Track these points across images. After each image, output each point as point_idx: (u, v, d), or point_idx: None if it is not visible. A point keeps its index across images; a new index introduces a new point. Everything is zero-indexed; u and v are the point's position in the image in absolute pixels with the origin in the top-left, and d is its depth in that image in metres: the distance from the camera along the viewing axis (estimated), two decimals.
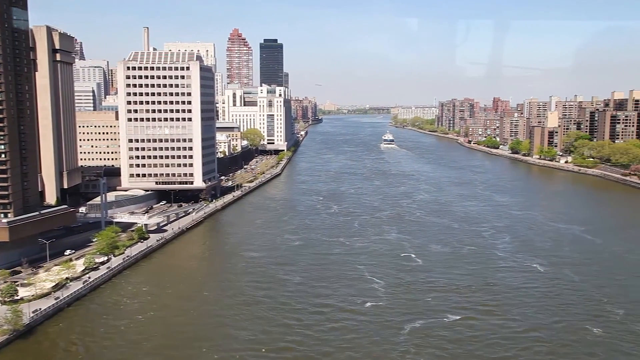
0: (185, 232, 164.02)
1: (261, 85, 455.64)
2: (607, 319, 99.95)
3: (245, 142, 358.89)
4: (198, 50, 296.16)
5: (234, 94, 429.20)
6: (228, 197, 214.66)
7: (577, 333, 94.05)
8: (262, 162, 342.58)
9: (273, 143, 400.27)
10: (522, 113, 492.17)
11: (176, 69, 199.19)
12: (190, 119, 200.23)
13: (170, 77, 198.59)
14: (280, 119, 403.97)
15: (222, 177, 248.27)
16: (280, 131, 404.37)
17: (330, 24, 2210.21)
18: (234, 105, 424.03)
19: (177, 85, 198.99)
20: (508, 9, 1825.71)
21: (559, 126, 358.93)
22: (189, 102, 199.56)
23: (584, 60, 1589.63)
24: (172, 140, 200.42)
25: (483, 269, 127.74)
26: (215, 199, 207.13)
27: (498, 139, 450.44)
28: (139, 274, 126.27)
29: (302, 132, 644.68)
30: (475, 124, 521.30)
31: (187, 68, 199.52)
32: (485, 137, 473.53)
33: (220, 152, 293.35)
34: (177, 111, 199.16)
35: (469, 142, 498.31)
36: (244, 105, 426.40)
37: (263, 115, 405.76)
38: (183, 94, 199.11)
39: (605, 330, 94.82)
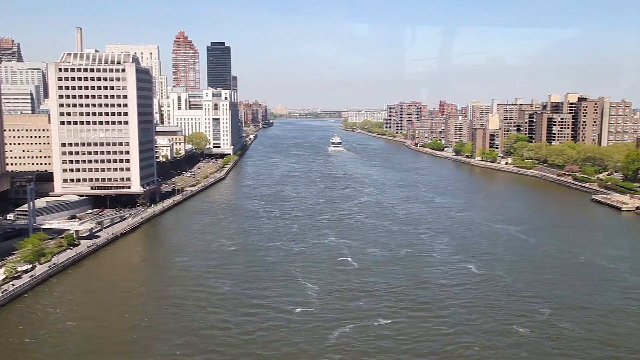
0: (120, 238, 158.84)
1: (208, 89, 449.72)
2: (534, 318, 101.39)
3: (189, 146, 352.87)
4: (135, 53, 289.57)
5: (179, 97, 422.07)
6: (168, 202, 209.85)
7: (503, 333, 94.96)
8: (207, 166, 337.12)
9: (219, 147, 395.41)
10: (466, 116, 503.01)
11: (111, 71, 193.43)
12: (126, 122, 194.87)
13: (105, 79, 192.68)
14: (226, 123, 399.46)
15: (164, 182, 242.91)
16: (227, 135, 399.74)
17: (282, 28, 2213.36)
18: (179, 108, 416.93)
19: (112, 88, 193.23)
20: (455, 15, 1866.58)
21: (500, 128, 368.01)
22: (125, 105, 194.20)
23: (527, 63, 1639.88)
24: (108, 144, 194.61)
25: (418, 272, 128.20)
26: (154, 204, 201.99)
27: (443, 142, 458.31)
28: (65, 282, 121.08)
29: (251, 136, 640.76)
30: (422, 126, 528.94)
31: (123, 70, 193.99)
32: (431, 139, 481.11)
33: (162, 156, 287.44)
34: (113, 114, 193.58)
35: (416, 144, 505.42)
36: (190, 108, 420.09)
37: (209, 118, 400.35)
38: (119, 96, 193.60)
39: (531, 330, 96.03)
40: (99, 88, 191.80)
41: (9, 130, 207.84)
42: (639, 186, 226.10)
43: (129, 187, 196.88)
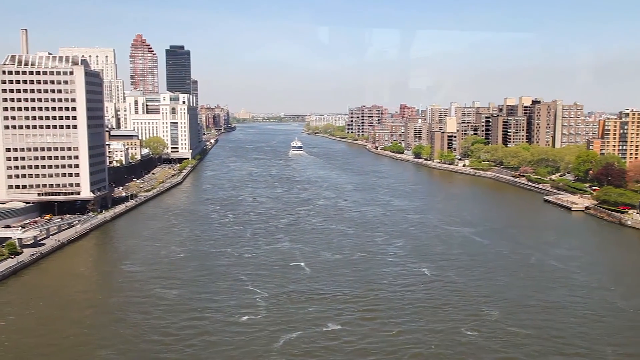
0: (67, 245, 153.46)
1: (166, 92, 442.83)
2: (483, 319, 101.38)
3: (146, 151, 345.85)
4: (89, 56, 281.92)
5: (136, 101, 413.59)
6: (120, 208, 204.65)
7: (451, 335, 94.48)
8: (164, 171, 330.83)
9: (177, 151, 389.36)
10: (425, 119, 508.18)
11: (58, 73, 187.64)
12: (75, 127, 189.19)
13: (52, 82, 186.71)
14: (184, 127, 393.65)
15: (117, 187, 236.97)
16: (185, 139, 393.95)
17: (246, 32, 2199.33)
18: (136, 112, 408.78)
19: (59, 91, 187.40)
20: (416, 18, 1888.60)
21: (458, 131, 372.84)
22: (74, 109, 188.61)
23: (486, 67, 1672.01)
24: (56, 149, 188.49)
25: (370, 275, 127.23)
26: (105, 210, 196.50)
27: (403, 144, 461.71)
28: (3, 293, 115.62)
29: (212, 140, 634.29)
30: (383, 130, 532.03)
31: (71, 73, 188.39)
32: (391, 142, 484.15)
33: (117, 161, 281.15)
34: (61, 118, 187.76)
35: (376, 147, 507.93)
36: (147, 112, 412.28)
37: (166, 122, 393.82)
38: (67, 100, 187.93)
39: (479, 332, 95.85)
40: (46, 91, 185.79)
41: None
42: (590, 186, 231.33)
43: (78, 193, 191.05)
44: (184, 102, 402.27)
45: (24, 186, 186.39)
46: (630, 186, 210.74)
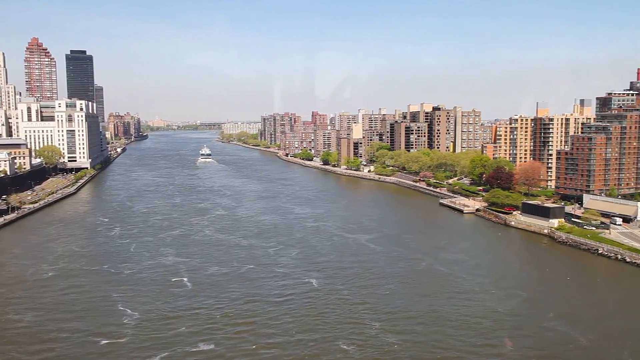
0: None
1: (61, 99, 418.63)
2: (362, 332, 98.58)
3: (38, 160, 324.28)
4: None
5: (29, 108, 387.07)
6: None
7: (328, 350, 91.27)
8: (57, 181, 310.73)
9: (75, 161, 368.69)
10: (334, 126, 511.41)
11: None
12: None
13: None
14: (82, 135, 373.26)
15: None
16: (83, 148, 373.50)
17: (163, 38, 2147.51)
18: (29, 120, 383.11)
19: None
20: (331, 29, 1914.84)
21: (364, 137, 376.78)
22: None
23: (401, 77, 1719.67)
24: None
25: (254, 289, 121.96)
26: None
27: (313, 151, 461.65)
28: None
29: (119, 149, 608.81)
30: (294, 137, 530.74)
31: None
32: (302, 149, 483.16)
33: (0, 171, 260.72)
34: None
35: (286, 155, 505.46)
36: (42, 120, 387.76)
37: (62, 130, 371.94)
38: None
39: (357, 344, 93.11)
40: None
41: None
42: (482, 189, 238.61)
43: None
44: (81, 109, 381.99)
45: None
46: (517, 188, 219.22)
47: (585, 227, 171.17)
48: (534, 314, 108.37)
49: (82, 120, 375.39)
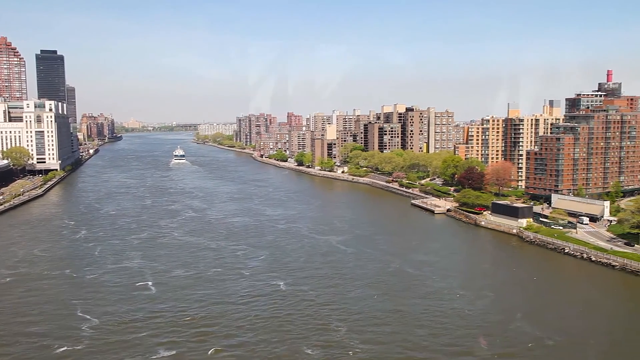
0: None
1: (30, 100, 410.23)
2: (327, 335, 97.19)
3: (5, 162, 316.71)
4: None
5: None
6: None
7: (291, 354, 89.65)
8: (24, 183, 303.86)
9: (44, 162, 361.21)
10: (310, 127, 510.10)
11: None
12: None
13: None
14: (52, 136, 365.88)
15: None
16: (52, 149, 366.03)
17: (138, 38, 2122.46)
18: None
19: None
20: (307, 30, 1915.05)
21: (338, 138, 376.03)
22: None
23: (380, 77, 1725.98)
24: None
25: (219, 293, 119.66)
26: None
27: (287, 152, 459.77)
28: None
29: (91, 151, 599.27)
30: (269, 138, 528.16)
31: None
32: (276, 150, 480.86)
33: None
34: None
35: (261, 156, 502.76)
36: (10, 120, 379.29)
37: (31, 131, 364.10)
38: None
39: (321, 349, 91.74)
40: None
41: None
42: (454, 190, 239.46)
43: None
44: (50, 110, 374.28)
45: None
46: (488, 188, 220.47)
47: (552, 226, 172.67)
48: (501, 315, 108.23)
49: (51, 121, 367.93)
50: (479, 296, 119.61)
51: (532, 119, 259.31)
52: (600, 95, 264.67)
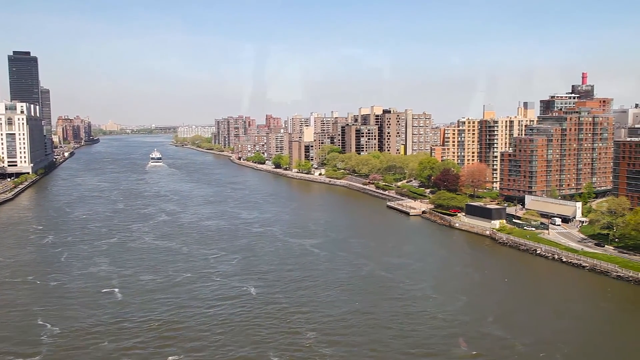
0: None
1: (1, 102, 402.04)
2: (296, 342, 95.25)
3: None
4: None
5: None
6: None
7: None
8: None
9: (15, 165, 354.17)
10: (288, 129, 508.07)
11: None
12: None
13: None
14: (23, 139, 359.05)
15: None
16: (24, 152, 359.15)
17: (116, 40, 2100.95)
18: None
19: None
20: (284, 31, 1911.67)
21: (315, 140, 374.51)
22: None
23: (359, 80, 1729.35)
24: None
25: (186, 300, 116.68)
26: None
27: (265, 155, 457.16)
28: None
29: (66, 154, 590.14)
30: (248, 140, 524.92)
31: None
32: (254, 153, 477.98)
33: None
34: None
35: (239, 158, 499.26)
36: None
37: (1, 134, 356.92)
38: None
39: (288, 356, 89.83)
40: None
41: None
42: (430, 192, 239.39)
43: None
44: (22, 112, 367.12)
45: None
46: (463, 190, 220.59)
47: (525, 227, 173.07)
48: (473, 319, 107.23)
49: (23, 123, 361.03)
50: (451, 300, 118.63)
51: (506, 121, 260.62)
52: (574, 97, 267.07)
